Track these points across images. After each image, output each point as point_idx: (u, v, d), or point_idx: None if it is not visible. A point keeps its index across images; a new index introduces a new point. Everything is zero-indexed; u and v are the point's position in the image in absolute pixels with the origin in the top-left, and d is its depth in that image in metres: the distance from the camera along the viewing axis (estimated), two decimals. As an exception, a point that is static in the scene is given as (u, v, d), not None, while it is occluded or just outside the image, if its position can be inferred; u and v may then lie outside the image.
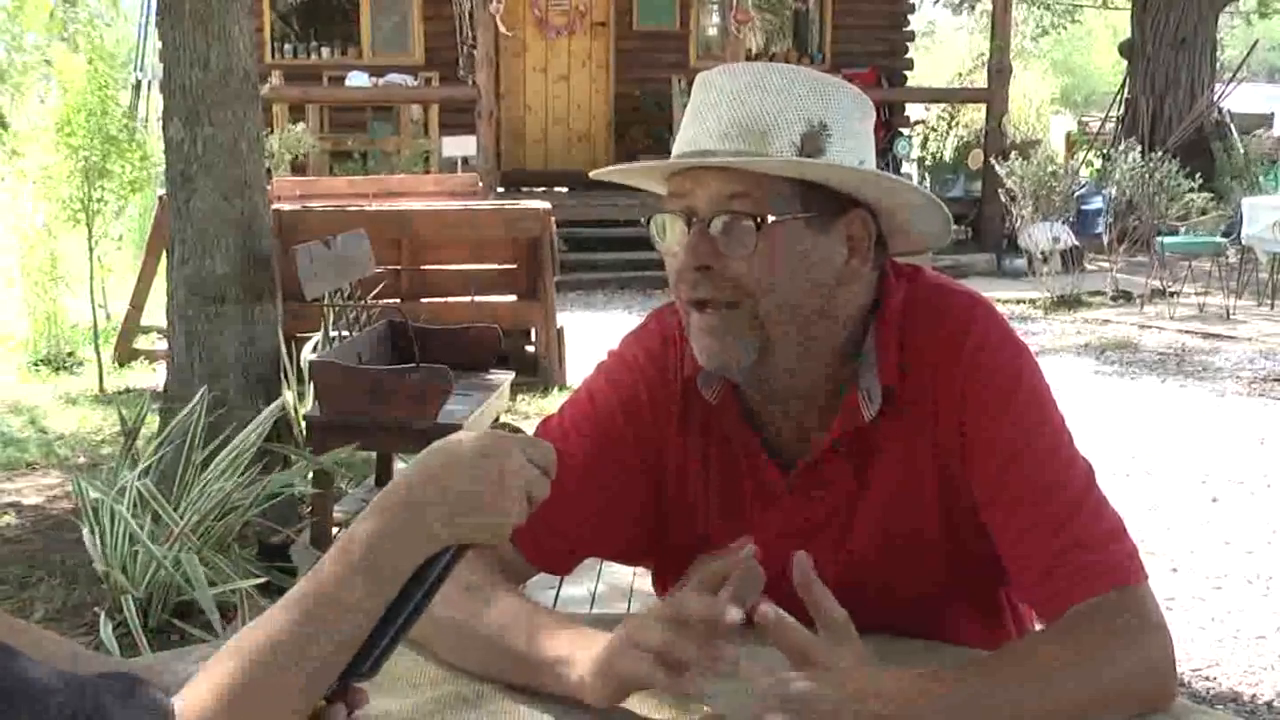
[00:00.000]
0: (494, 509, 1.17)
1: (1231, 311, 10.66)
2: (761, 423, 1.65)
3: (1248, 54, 17.22)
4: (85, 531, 4.18)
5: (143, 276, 8.47)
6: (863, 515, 1.62)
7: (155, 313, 8.08)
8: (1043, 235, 11.35)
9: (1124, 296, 11.37)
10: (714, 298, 1.53)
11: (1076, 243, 11.83)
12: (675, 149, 1.57)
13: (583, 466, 1.62)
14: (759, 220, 1.49)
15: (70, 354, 8.42)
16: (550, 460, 1.25)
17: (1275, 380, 8.53)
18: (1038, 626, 1.58)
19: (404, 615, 1.11)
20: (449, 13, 14.16)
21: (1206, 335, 9.91)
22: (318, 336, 6.13)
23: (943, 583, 1.63)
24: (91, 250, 7.80)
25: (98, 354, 7.80)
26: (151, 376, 7.91)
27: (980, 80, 15.39)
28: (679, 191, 1.55)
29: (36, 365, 8.26)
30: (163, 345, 6.88)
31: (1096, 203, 12.98)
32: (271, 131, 11.13)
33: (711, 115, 1.52)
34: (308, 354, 6.00)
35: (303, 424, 5.22)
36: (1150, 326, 10.29)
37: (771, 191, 1.50)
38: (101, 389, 7.65)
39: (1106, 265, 11.79)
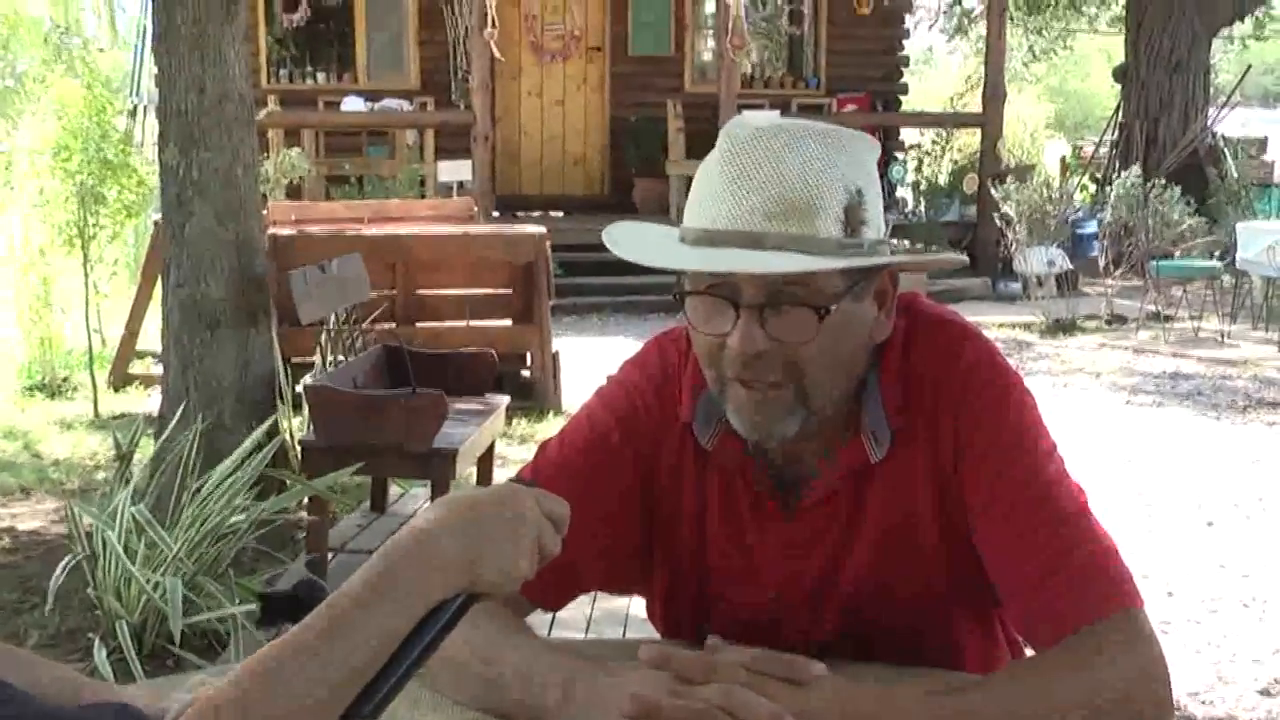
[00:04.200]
0: (506, 559, 1.17)
1: (1226, 335, 10.69)
2: (762, 459, 1.65)
3: (1241, 78, 17.28)
4: (78, 557, 4.17)
5: (138, 301, 8.47)
6: (862, 539, 1.63)
7: (151, 337, 8.08)
8: (1038, 259, 11.38)
9: (1119, 320, 11.40)
10: (763, 379, 1.51)
11: (1071, 267, 11.86)
12: (706, 219, 1.49)
13: (581, 495, 1.62)
14: (821, 310, 1.48)
15: (65, 379, 8.41)
16: (563, 515, 1.25)
17: (1270, 404, 8.55)
18: (1030, 652, 1.59)
19: (409, 660, 1.11)
20: (444, 38, 14.21)
21: (1201, 359, 9.93)
22: (315, 371, 6.14)
23: (941, 605, 1.64)
24: (87, 275, 7.81)
25: (92, 379, 7.80)
26: (147, 401, 7.90)
27: (975, 105, 15.41)
28: (717, 270, 1.49)
29: (31, 390, 8.26)
30: (158, 369, 6.88)
31: (1091, 227, 13.02)
32: (267, 156, 11.14)
33: (752, 190, 1.46)
34: (307, 381, 6.01)
35: (298, 448, 5.22)
36: (1145, 351, 10.31)
37: (825, 276, 1.48)
38: (96, 414, 7.65)
39: (1101, 289, 11.81)
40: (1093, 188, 15.56)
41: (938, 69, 32.29)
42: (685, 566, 1.71)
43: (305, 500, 4.75)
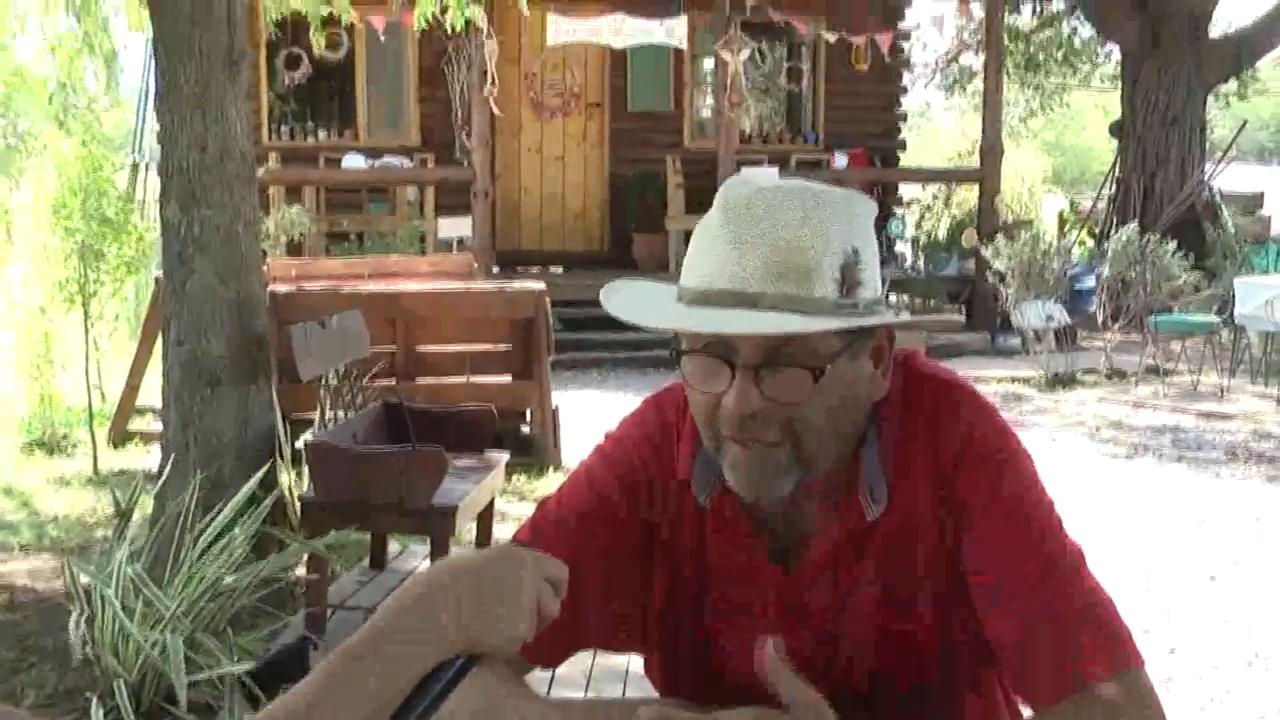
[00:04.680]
0: (504, 622, 1.17)
1: (1225, 390, 10.69)
2: (760, 516, 1.65)
3: (1237, 134, 17.38)
4: (75, 616, 4.16)
5: (138, 357, 8.48)
6: (859, 597, 1.63)
7: (151, 393, 8.09)
8: (1036, 314, 11.40)
9: (1118, 375, 11.40)
10: (760, 438, 1.52)
11: (1070, 321, 11.88)
12: (702, 278, 1.50)
13: (580, 554, 1.62)
14: (816, 370, 1.49)
15: (65, 435, 8.41)
16: (561, 577, 1.25)
17: (1269, 459, 8.54)
18: (1029, 713, 1.58)
19: None
20: (444, 95, 14.31)
21: (1201, 414, 9.93)
22: (314, 426, 6.14)
23: (939, 664, 1.64)
24: (87, 331, 7.82)
25: (92, 435, 7.80)
26: (146, 458, 7.90)
27: (972, 159, 15.49)
28: (712, 331, 1.50)
29: (31, 447, 8.25)
30: (158, 426, 6.88)
31: (1089, 281, 13.04)
32: (268, 212, 11.20)
33: (748, 250, 1.47)
34: (307, 438, 6.01)
35: (298, 504, 5.21)
36: (1144, 405, 10.31)
37: (820, 336, 1.48)
38: (96, 470, 7.64)
39: (1100, 344, 11.83)
40: (1091, 242, 15.61)
41: (935, 124, 32.47)
42: (684, 624, 1.71)
43: (304, 556, 4.74)
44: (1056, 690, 1.47)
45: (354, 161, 13.83)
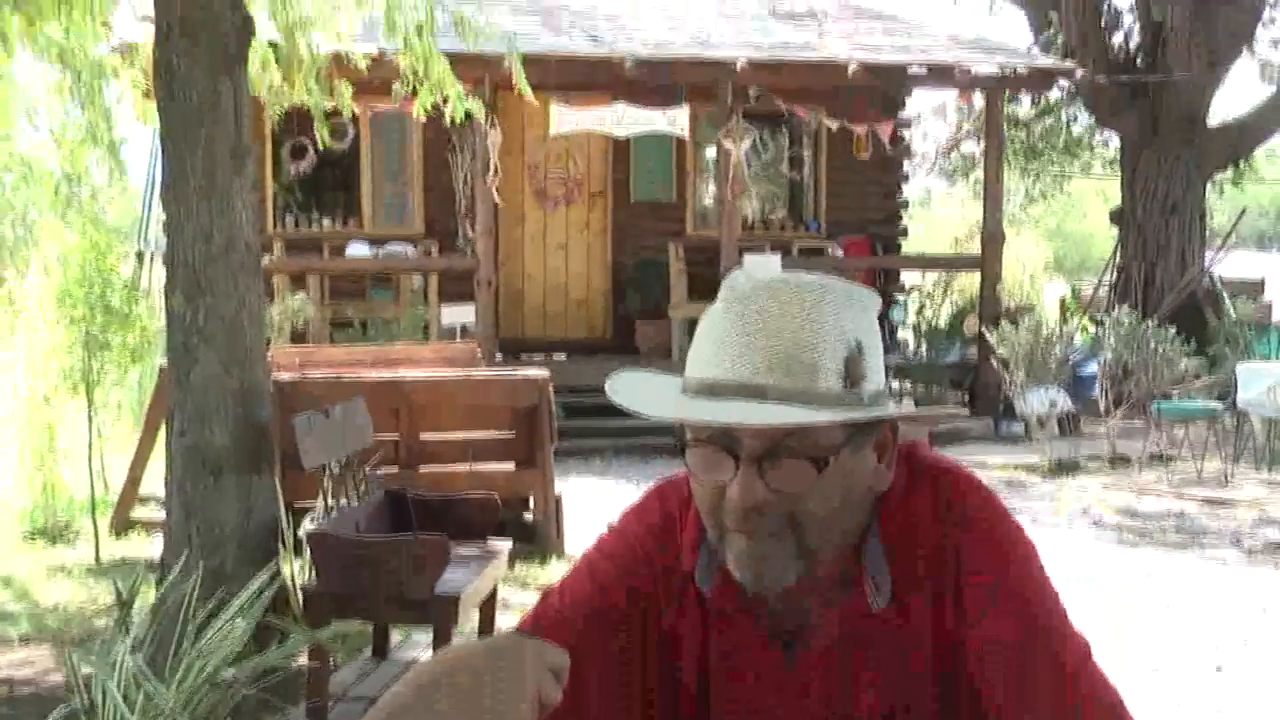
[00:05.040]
0: (506, 709, 1.17)
1: (1229, 477, 10.67)
2: (764, 607, 1.65)
3: (1236, 221, 17.49)
4: (76, 708, 4.13)
5: (141, 446, 8.49)
6: (863, 688, 1.63)
7: (153, 482, 8.08)
8: (1039, 400, 11.41)
9: (1122, 461, 11.38)
10: (763, 530, 1.53)
11: (1073, 407, 11.88)
12: (707, 371, 1.53)
13: (582, 645, 1.62)
14: (819, 462, 1.50)
15: (67, 524, 8.39)
16: (563, 665, 1.26)
17: (1275, 546, 8.51)
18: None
19: None
20: (448, 184, 14.41)
21: (1205, 501, 9.90)
22: (315, 512, 6.13)
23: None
24: (91, 420, 7.84)
25: (94, 525, 7.78)
26: (148, 547, 7.88)
27: (974, 246, 15.58)
28: (716, 423, 1.52)
29: (32, 536, 8.23)
30: (160, 515, 6.87)
31: (1092, 368, 13.06)
32: (272, 300, 11.25)
33: (752, 343, 1.49)
34: (307, 525, 6.00)
35: (300, 594, 5.20)
36: (1149, 492, 10.29)
37: (824, 428, 1.50)
38: (97, 560, 7.62)
39: (1103, 430, 11.82)
40: (1093, 329, 15.65)
41: (937, 212, 32.66)
42: (687, 715, 1.71)
43: (306, 646, 4.72)
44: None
45: (358, 250, 13.92)
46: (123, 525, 8.38)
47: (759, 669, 1.66)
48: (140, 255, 14.45)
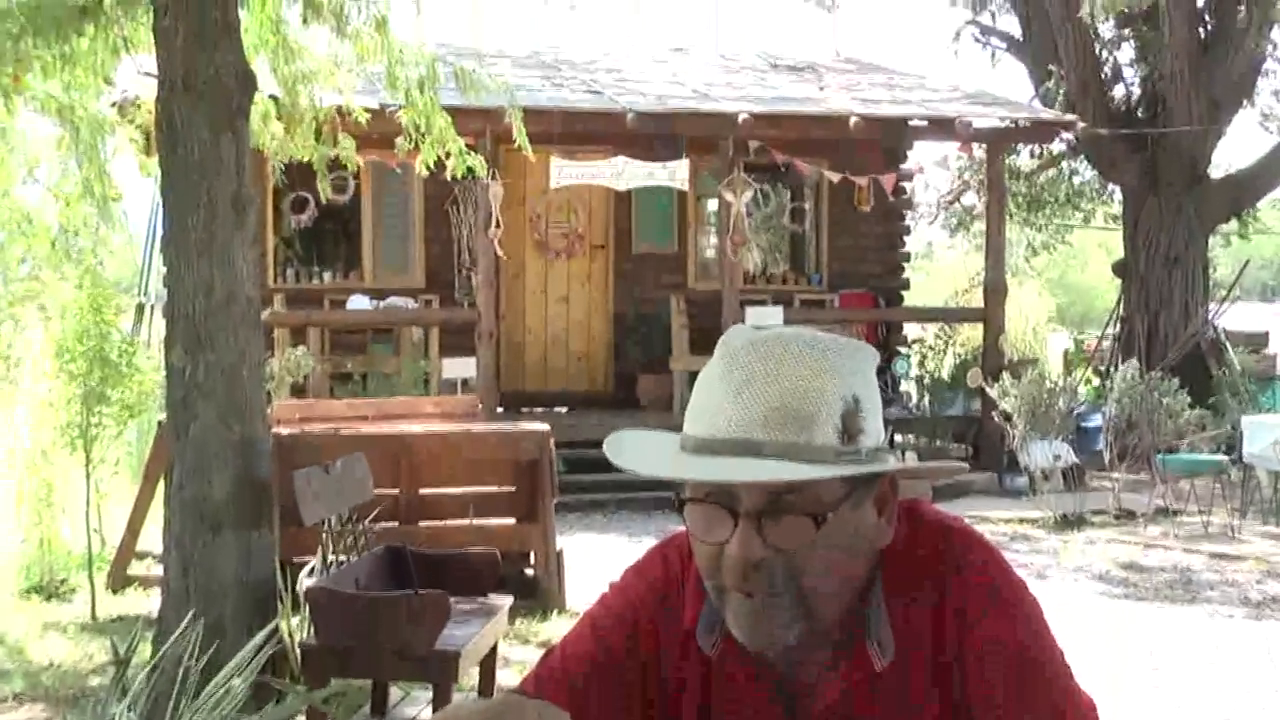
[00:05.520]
0: None
1: (1236, 531, 10.64)
2: (766, 667, 1.65)
3: (1239, 273, 17.53)
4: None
5: (139, 502, 8.47)
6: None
7: (151, 538, 8.07)
8: (1042, 453, 11.40)
9: (1127, 515, 11.35)
10: (763, 588, 1.53)
11: (1077, 461, 11.86)
12: (704, 428, 1.53)
13: (584, 706, 1.62)
14: (818, 518, 1.50)
15: (63, 581, 8.36)
16: None
17: (1284, 600, 8.47)
18: None
19: None
20: (449, 237, 14.47)
21: (1212, 555, 9.86)
22: (314, 561, 6.12)
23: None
24: (89, 475, 7.83)
25: (91, 581, 7.75)
26: (146, 603, 7.85)
27: (978, 298, 15.62)
28: (713, 480, 1.53)
29: (28, 593, 8.20)
30: (158, 571, 6.86)
31: (1096, 420, 13.07)
32: (272, 354, 11.26)
33: (749, 400, 1.50)
34: (304, 578, 5.98)
35: (298, 650, 5.18)
36: (1155, 546, 10.25)
37: (823, 484, 1.50)
38: (94, 616, 7.59)
39: (1108, 483, 11.80)
40: (1096, 381, 15.66)
41: (939, 263, 32.78)
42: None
43: (304, 706, 4.69)
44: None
45: (359, 303, 13.95)
46: (120, 581, 8.35)
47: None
48: (140, 308, 14.49)
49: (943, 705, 1.59)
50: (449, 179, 8.68)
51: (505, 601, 5.70)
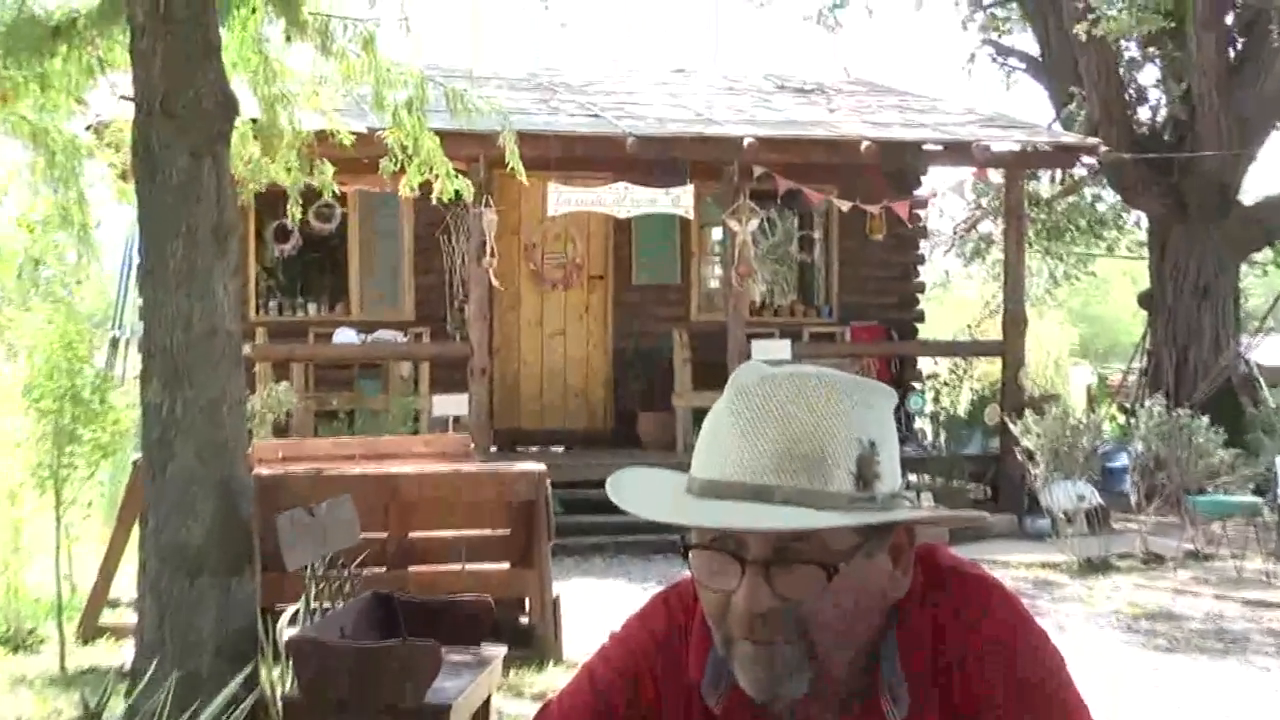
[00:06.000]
0: None
1: (1272, 576, 10.61)
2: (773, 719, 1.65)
3: (1273, 304, 17.55)
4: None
5: (113, 546, 8.45)
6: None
7: (125, 585, 8.04)
8: (1065, 494, 11.38)
9: (1155, 559, 11.32)
10: (771, 638, 1.53)
11: (1102, 502, 11.84)
12: (712, 470, 1.53)
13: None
14: (830, 568, 1.50)
15: (31, 631, 8.32)
16: None
17: (1322, 650, 8.44)
18: None
19: None
20: (440, 267, 14.48)
21: (1246, 602, 9.83)
22: (296, 606, 6.10)
23: None
24: (59, 519, 7.80)
25: (60, 631, 7.72)
26: (118, 654, 7.82)
27: (993, 329, 15.63)
28: (721, 526, 1.53)
29: (-7, 643, 8.17)
30: (132, 619, 6.83)
31: (1121, 459, 13.04)
32: (254, 391, 11.26)
33: (760, 442, 1.50)
34: (284, 625, 5.97)
35: (280, 705, 5.16)
36: (1185, 592, 10.23)
37: (835, 532, 1.50)
38: (63, 668, 7.55)
39: (1135, 526, 11.78)
40: (1122, 418, 15.64)
41: (954, 294, 32.82)
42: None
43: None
44: None
45: (345, 336, 13.95)
46: (91, 631, 8.32)
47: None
48: (115, 342, 14.50)
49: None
50: (440, 205, 8.71)
51: (499, 652, 5.69)
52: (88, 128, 8.61)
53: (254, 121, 7.74)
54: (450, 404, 12.42)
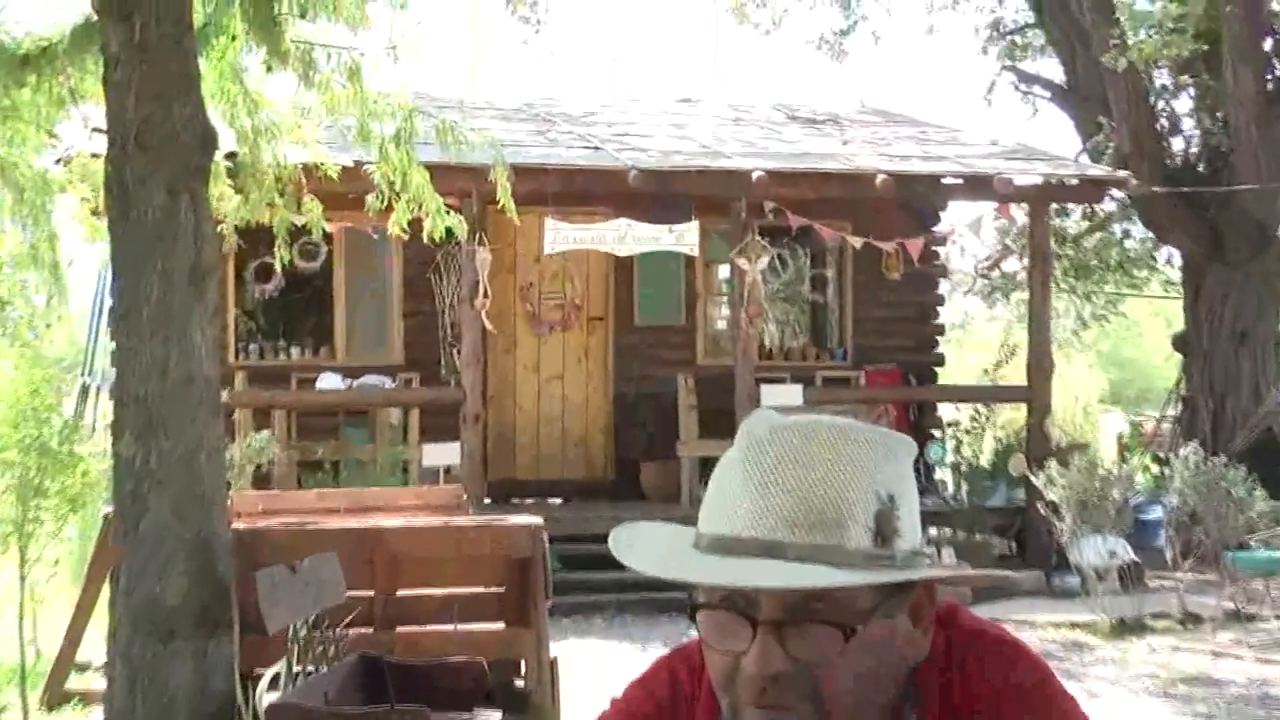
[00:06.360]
0: None
1: (1319, 637, 10.59)
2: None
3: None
4: None
5: (81, 607, 8.43)
6: None
7: (94, 648, 8.02)
8: (1095, 550, 11.35)
9: (1193, 620, 11.28)
10: (782, 704, 1.52)
11: (1135, 558, 11.81)
12: (721, 525, 1.54)
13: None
14: (847, 629, 1.50)
15: (-7, 697, 8.31)
16: None
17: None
18: None
19: None
20: (431, 308, 14.50)
21: (1291, 666, 9.81)
22: (277, 669, 6.08)
23: None
24: (23, 578, 7.79)
25: (23, 699, 7.70)
26: (86, 722, 7.80)
27: (1013, 373, 15.60)
28: (731, 583, 1.52)
29: (-48, 711, 8.16)
30: (101, 685, 6.81)
31: (1155, 513, 13.02)
32: (233, 440, 11.26)
33: (772, 495, 1.50)
34: (264, 689, 5.95)
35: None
36: (1226, 655, 10.19)
37: (852, 591, 1.50)
38: (27, 737, 7.54)
39: (1171, 584, 11.74)
40: (1156, 468, 15.62)
41: (976, 336, 32.86)
42: None
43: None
44: None
45: (330, 382, 13.96)
46: (57, 697, 8.30)
47: None
48: (85, 389, 14.52)
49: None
50: (431, 243, 8.73)
51: (493, 717, 5.67)
52: (58, 161, 8.64)
53: (232, 156, 7.77)
54: (441, 453, 12.41)
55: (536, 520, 8.19)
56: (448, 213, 8.28)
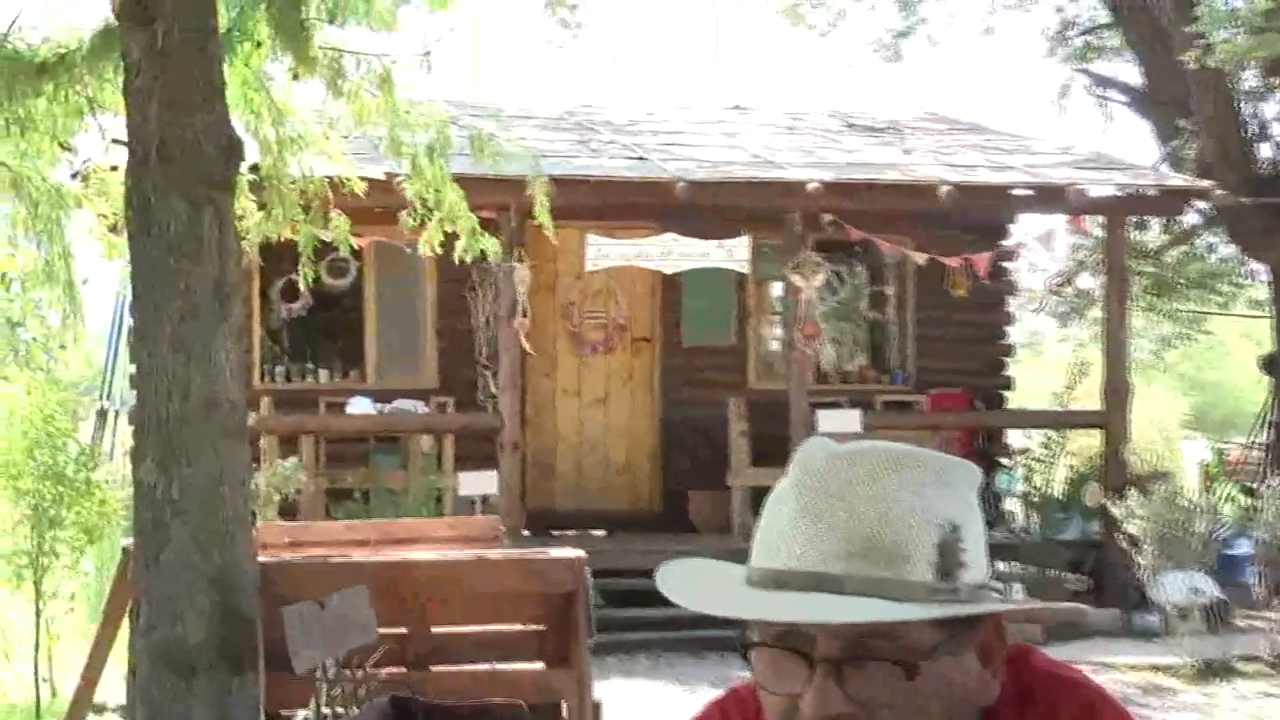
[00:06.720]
0: None
1: None
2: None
3: None
4: None
5: (98, 644, 8.46)
6: None
7: (112, 688, 8.06)
8: (1178, 587, 11.26)
9: (1286, 663, 11.19)
10: None
11: (1221, 596, 11.72)
12: (775, 559, 1.54)
13: None
14: (909, 668, 1.49)
15: (6, 738, 8.37)
16: None
17: None
18: None
19: None
20: (467, 328, 14.51)
21: (1394, 711, 9.71)
22: (305, 712, 6.11)
23: None
24: (39, 613, 7.85)
25: (40, 738, 7.76)
26: (103, 765, 7.84)
27: (1085, 397, 15.49)
28: (785, 620, 1.53)
29: (-35, 753, 8.22)
30: (119, 726, 6.85)
31: (1243, 547, 12.91)
32: (259, 467, 11.31)
33: (829, 527, 1.50)
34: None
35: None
36: (1320, 700, 10.10)
37: (914, 627, 1.50)
38: (42, 781, 7.59)
39: (1261, 624, 11.64)
40: (1243, 499, 15.49)
41: (1048, 357, 32.70)
42: None
43: None
44: None
45: (360, 406, 13.99)
46: (74, 739, 8.35)
47: None
48: (103, 413, 14.61)
49: None
50: (463, 260, 8.75)
51: (532, 764, 5.67)
52: (74, 175, 8.71)
53: (255, 168, 7.81)
54: (477, 482, 12.43)
55: (578, 553, 8.19)
56: (483, 234, 8.28)
